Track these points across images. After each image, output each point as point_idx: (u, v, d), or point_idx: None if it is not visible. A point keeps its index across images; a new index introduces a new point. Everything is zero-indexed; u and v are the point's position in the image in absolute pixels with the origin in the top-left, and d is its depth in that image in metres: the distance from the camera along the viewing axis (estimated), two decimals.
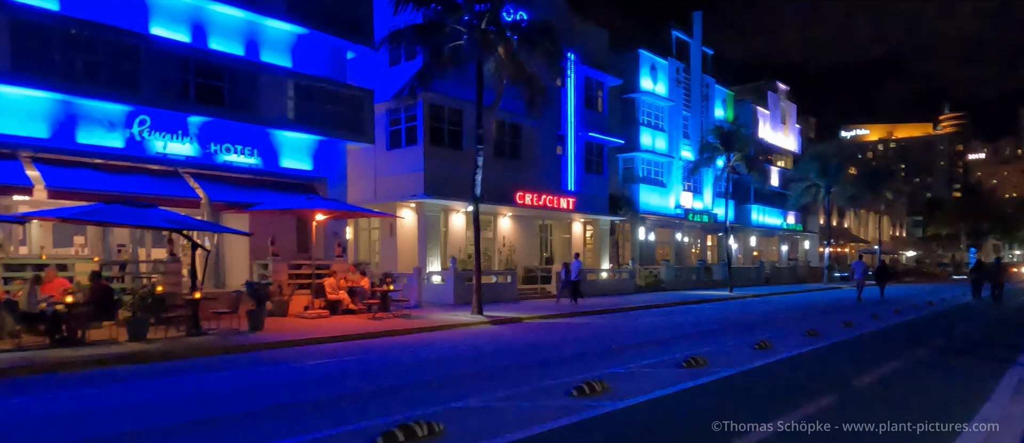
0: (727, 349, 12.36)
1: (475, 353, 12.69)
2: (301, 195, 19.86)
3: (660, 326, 17.53)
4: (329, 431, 6.56)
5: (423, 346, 13.75)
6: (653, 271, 35.90)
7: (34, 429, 7.07)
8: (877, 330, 15.86)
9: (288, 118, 20.38)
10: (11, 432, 6.91)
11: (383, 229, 27.20)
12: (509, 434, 6.34)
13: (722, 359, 11.08)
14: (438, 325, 17.35)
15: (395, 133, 26.46)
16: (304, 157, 21.32)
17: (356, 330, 15.83)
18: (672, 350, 12.29)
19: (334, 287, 19.00)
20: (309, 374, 10.48)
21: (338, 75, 22.21)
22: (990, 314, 21.60)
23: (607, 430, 6.66)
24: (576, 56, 32.21)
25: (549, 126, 31.08)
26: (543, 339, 14.88)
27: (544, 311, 21.35)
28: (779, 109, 53.65)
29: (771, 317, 20.03)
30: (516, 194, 28.05)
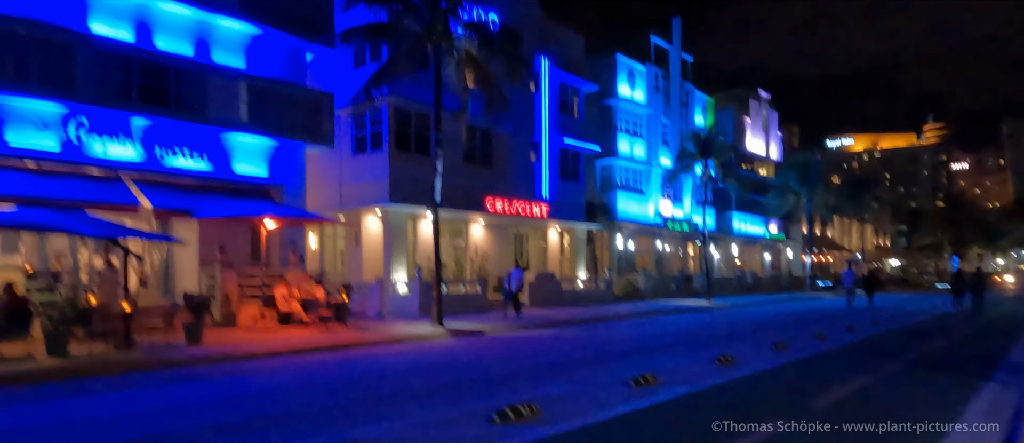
0: (685, 365, 11.58)
1: (413, 369, 11.84)
2: (255, 201, 18.97)
3: (625, 338, 16.76)
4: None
5: (366, 361, 12.88)
6: (631, 280, 35.17)
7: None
8: (849, 343, 15.14)
9: (241, 121, 19.47)
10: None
11: (349, 238, 26.30)
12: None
13: (677, 376, 10.29)
14: (391, 338, 16.49)
15: (360, 138, 25.60)
16: (259, 162, 20.41)
17: (303, 344, 14.94)
18: (628, 365, 11.48)
19: (286, 298, 18.08)
20: (221, 393, 9.61)
21: (296, 77, 21.35)
22: (968, 325, 20.98)
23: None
24: (550, 61, 31.55)
25: (523, 132, 30.34)
26: (496, 354, 14.05)
27: (513, 322, 20.52)
28: (760, 117, 53.26)
29: (743, 328, 19.29)
30: (487, 201, 27.24)
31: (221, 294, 17.85)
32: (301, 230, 21.67)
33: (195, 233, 19.04)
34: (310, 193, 27.09)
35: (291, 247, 20.47)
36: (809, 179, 44.19)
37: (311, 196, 26.99)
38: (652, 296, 34.67)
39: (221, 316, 17.90)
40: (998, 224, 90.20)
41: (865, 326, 19.18)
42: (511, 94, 29.34)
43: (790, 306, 31.55)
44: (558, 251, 34.02)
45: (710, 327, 19.95)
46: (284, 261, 20.40)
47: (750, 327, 19.76)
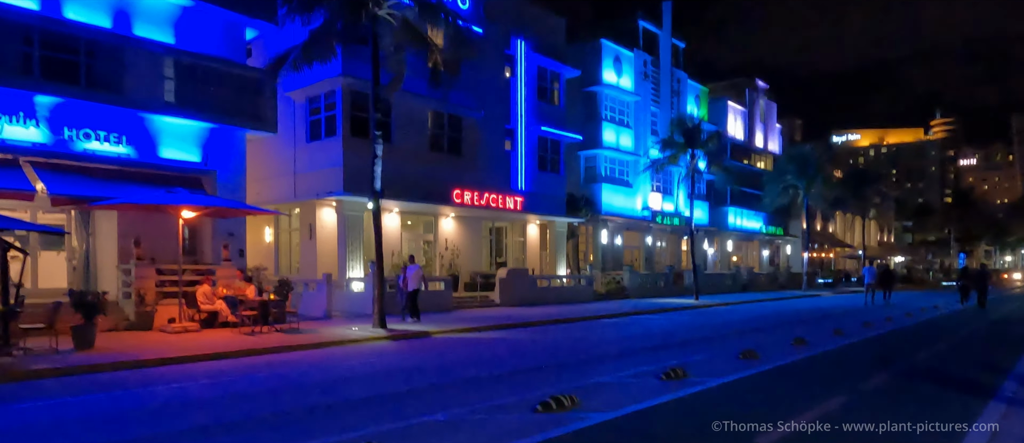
0: (628, 380, 9.72)
1: (316, 383, 10.03)
2: (180, 190, 17.16)
3: (578, 343, 14.90)
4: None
5: (270, 371, 11.08)
6: (615, 277, 33.27)
7: None
8: (834, 349, 13.22)
9: (167, 101, 17.69)
10: None
11: (303, 230, 24.50)
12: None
13: (609, 396, 8.46)
14: (322, 342, 14.67)
15: (315, 123, 23.80)
16: (190, 147, 18.62)
17: (218, 348, 13.18)
18: (557, 381, 9.65)
19: (209, 296, 16.30)
20: (74, 411, 7.92)
21: (235, 55, 19.55)
22: (974, 325, 19.05)
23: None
24: (528, 44, 29.68)
25: (496, 119, 28.49)
26: (422, 362, 12.23)
27: (471, 323, 18.69)
28: (758, 107, 51.18)
29: (720, 331, 17.40)
30: (453, 192, 25.38)
31: (135, 292, 16.08)
32: (241, 222, 19.86)
33: (114, 224, 17.29)
34: (263, 183, 25.38)
35: (224, 240, 18.67)
36: (807, 172, 42.10)
37: (264, 186, 25.27)
38: (638, 294, 32.76)
39: (136, 317, 16.15)
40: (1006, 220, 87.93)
41: (854, 330, 17.24)
42: (482, 78, 27.63)
43: (782, 305, 29.61)
44: (538, 246, 32.16)
45: (686, 329, 18.07)
46: (218, 256, 18.63)
47: (728, 329, 17.86)
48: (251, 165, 25.98)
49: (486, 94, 27.73)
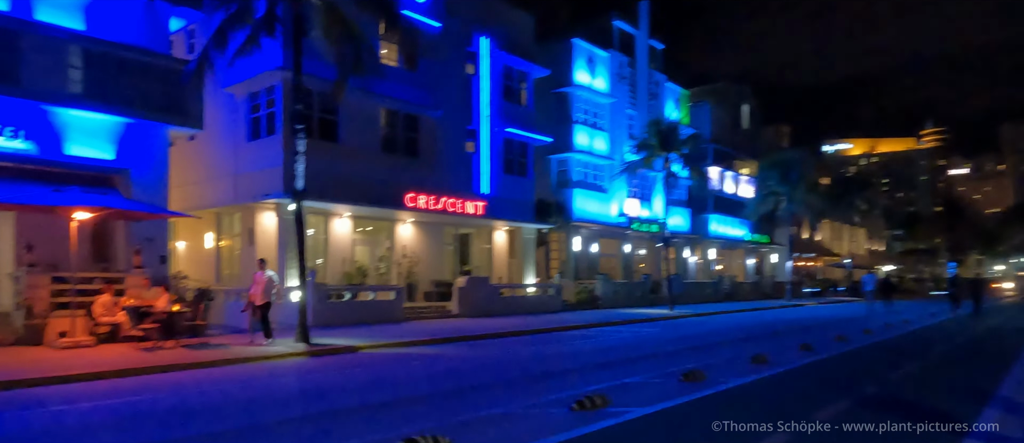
0: (531, 411, 8.14)
1: (167, 411, 8.42)
2: (79, 189, 15.56)
3: (515, 361, 13.33)
4: None
5: (155, 392, 9.50)
6: (587, 286, 31.70)
7: None
8: (792, 370, 11.65)
9: (73, 93, 16.07)
10: None
11: (243, 236, 22.85)
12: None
13: (497, 432, 6.89)
14: (227, 359, 13.05)
15: (255, 121, 22.23)
16: (102, 143, 16.98)
17: (100, 366, 11.60)
18: (439, 414, 8.08)
19: (109, 307, 14.66)
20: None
21: (157, 45, 17.97)
22: (958, 339, 17.56)
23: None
24: (492, 41, 28.20)
25: (457, 119, 26.97)
26: (323, 384, 10.66)
27: (412, 336, 17.12)
28: (742, 112, 49.82)
29: (680, 346, 15.85)
30: (406, 196, 23.80)
31: (24, 303, 14.43)
32: (162, 225, 18.21)
33: (12, 227, 15.65)
34: (203, 185, 23.81)
35: (137, 246, 17.02)
36: (790, 178, 40.72)
37: (204, 188, 23.70)
38: (611, 304, 31.21)
39: (25, 330, 14.48)
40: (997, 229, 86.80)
41: (826, 344, 15.71)
42: (441, 75, 26.08)
43: (759, 316, 28.08)
44: (506, 254, 30.60)
45: (643, 343, 16.50)
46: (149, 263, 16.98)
47: (690, 344, 16.31)
48: (190, 166, 24.42)
49: (445, 92, 26.22)
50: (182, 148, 24.65)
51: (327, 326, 19.62)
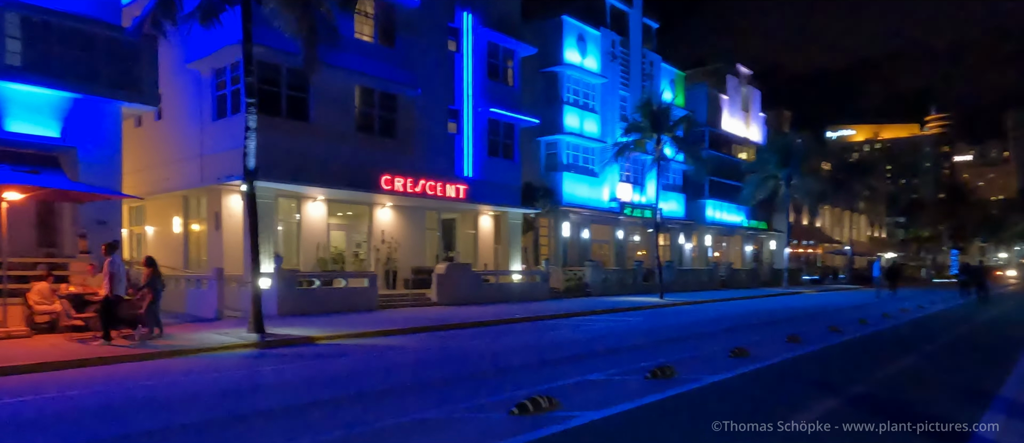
0: (466, 415, 7.12)
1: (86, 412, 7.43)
2: (40, 170, 14.54)
3: (482, 354, 12.35)
4: None
5: (74, 389, 8.49)
6: (576, 273, 30.68)
7: None
8: (774, 365, 10.59)
9: (10, 65, 15.02)
10: None
11: (210, 221, 21.83)
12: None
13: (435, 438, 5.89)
14: (172, 351, 12.11)
15: (221, 99, 21.13)
16: (46, 120, 15.94)
17: (16, 360, 10.60)
18: (374, 418, 7.08)
19: (46, 295, 13.66)
20: None
21: (107, 15, 16.84)
22: (960, 329, 16.52)
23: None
24: (476, 18, 27.03)
25: (438, 98, 25.85)
26: (254, 382, 9.68)
27: (381, 326, 16.14)
28: (739, 95, 48.52)
29: (660, 336, 14.83)
30: (382, 179, 22.73)
31: None
32: (115, 207, 17.18)
33: None
34: (170, 167, 22.79)
35: (82, 229, 16.00)
36: (789, 162, 39.55)
37: (170, 170, 22.69)
38: (601, 291, 30.19)
39: None
40: (1001, 216, 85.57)
41: (817, 335, 14.68)
42: (420, 52, 24.86)
43: (752, 304, 27.05)
44: (491, 239, 29.58)
45: (623, 334, 15.49)
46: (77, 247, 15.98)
47: (672, 334, 15.30)
48: (157, 147, 23.40)
49: (425, 70, 25.08)
50: (149, 128, 23.72)
51: (294, 315, 18.67)
